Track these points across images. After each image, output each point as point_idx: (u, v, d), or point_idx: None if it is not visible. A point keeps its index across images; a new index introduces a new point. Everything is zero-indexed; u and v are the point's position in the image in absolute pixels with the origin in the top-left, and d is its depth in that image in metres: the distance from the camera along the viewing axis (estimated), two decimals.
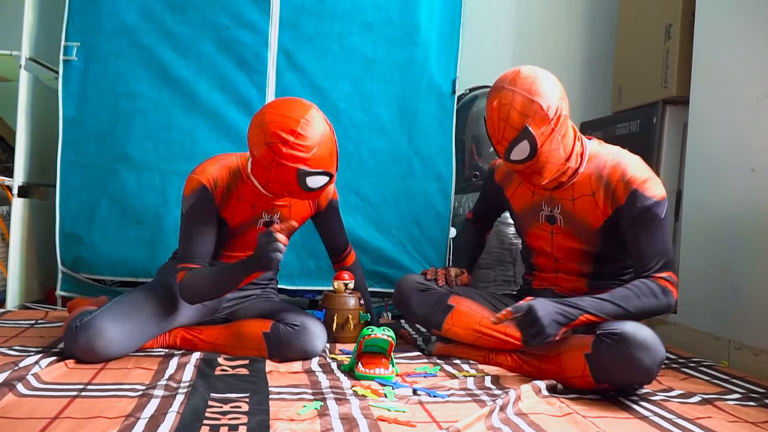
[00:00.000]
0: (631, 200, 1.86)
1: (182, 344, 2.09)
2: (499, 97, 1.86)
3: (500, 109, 1.85)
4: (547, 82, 1.87)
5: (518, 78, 1.86)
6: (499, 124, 1.86)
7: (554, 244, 2.06)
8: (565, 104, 1.88)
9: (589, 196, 1.94)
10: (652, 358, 1.67)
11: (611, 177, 1.90)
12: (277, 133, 1.86)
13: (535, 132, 1.82)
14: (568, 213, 2.00)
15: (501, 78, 1.91)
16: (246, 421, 1.45)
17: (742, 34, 2.33)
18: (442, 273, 2.24)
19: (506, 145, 1.87)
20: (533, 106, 1.82)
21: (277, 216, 2.14)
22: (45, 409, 1.48)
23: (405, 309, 2.23)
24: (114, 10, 2.70)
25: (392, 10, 2.84)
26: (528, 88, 1.83)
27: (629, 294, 1.81)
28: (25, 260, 2.75)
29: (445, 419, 1.52)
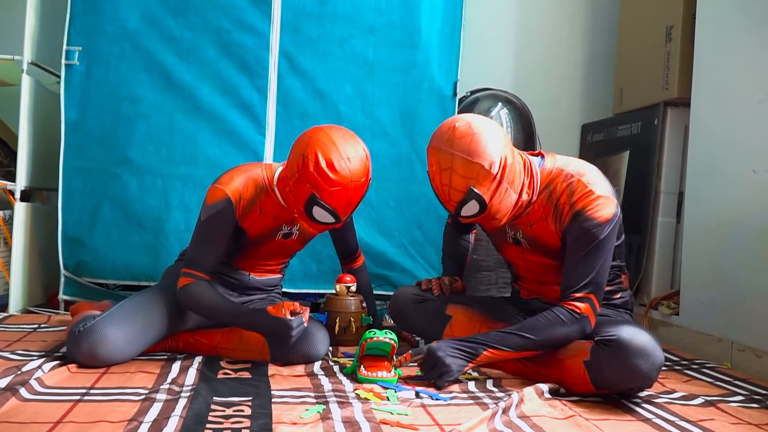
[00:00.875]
0: (574, 221, 1.81)
1: (185, 348, 2.09)
2: (437, 162, 1.79)
3: (441, 174, 1.79)
4: (485, 136, 1.76)
5: (454, 138, 1.76)
6: (442, 188, 1.81)
7: (527, 261, 2.03)
8: (509, 150, 1.80)
9: (543, 220, 1.90)
10: (651, 364, 1.66)
11: (560, 201, 1.85)
12: (316, 153, 1.85)
13: (481, 190, 1.77)
14: (528, 237, 1.96)
15: (436, 135, 1.82)
16: (248, 425, 1.45)
17: (743, 36, 2.33)
18: (437, 282, 2.23)
19: (454, 205, 1.82)
20: (474, 168, 1.75)
21: (297, 227, 2.14)
22: (48, 413, 1.48)
23: (403, 322, 2.24)
24: (116, 14, 2.70)
25: (393, 13, 2.84)
26: (466, 149, 1.75)
27: (537, 324, 1.81)
28: (27, 264, 2.76)
29: (447, 422, 1.52)
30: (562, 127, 3.49)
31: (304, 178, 1.88)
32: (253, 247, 2.11)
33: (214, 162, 2.70)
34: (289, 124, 2.77)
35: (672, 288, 2.77)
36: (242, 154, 2.74)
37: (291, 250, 2.22)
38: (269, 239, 2.11)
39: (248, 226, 2.05)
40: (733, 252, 2.29)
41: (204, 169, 2.71)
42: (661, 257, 2.80)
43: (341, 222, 1.96)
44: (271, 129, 2.78)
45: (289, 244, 2.17)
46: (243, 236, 2.06)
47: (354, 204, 1.94)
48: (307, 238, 2.22)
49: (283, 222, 2.10)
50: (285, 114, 2.78)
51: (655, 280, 2.79)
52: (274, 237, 2.12)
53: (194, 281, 1.98)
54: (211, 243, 2.01)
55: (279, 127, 2.77)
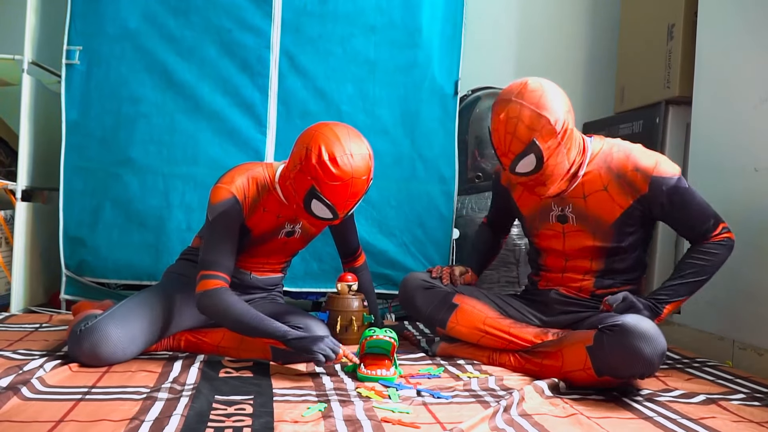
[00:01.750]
0: (655, 186, 1.91)
1: (186, 347, 2.10)
2: (506, 110, 1.85)
3: (507, 122, 1.84)
4: (555, 95, 1.87)
5: (525, 91, 1.85)
6: (505, 137, 1.86)
7: (566, 242, 2.06)
8: (571, 117, 1.89)
9: (602, 191, 1.96)
10: (653, 348, 1.67)
11: (622, 169, 1.94)
12: (319, 145, 1.86)
13: (542, 146, 1.83)
14: (580, 210, 2.01)
15: (507, 90, 1.90)
16: (250, 423, 1.45)
17: (745, 34, 2.33)
18: (447, 271, 2.24)
19: (512, 158, 1.87)
20: (541, 121, 1.82)
21: (299, 225, 2.15)
22: (49, 412, 1.49)
23: (410, 307, 2.23)
24: (116, 14, 2.71)
25: (394, 13, 2.84)
26: (536, 101, 1.83)
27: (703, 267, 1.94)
28: (29, 264, 2.76)
29: (448, 420, 1.53)
30: None
31: (305, 170, 1.88)
32: (255, 246, 2.11)
33: (215, 161, 2.70)
34: (290, 124, 2.78)
35: None
36: (243, 153, 2.74)
37: (293, 249, 2.22)
38: (272, 238, 2.11)
39: (253, 225, 2.05)
40: (735, 251, 2.28)
41: (205, 169, 2.71)
42: (663, 255, 2.80)
43: (338, 219, 1.95)
44: (272, 128, 2.78)
45: (292, 242, 2.17)
46: (247, 235, 2.06)
47: (353, 201, 1.93)
48: (309, 236, 2.22)
49: (286, 220, 2.10)
50: (286, 113, 2.78)
51: (657, 278, 2.79)
52: (277, 235, 2.12)
53: (218, 287, 1.93)
54: (224, 241, 1.98)
55: (280, 126, 2.77)
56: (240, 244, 2.08)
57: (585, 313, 2.04)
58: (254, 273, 2.19)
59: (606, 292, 2.04)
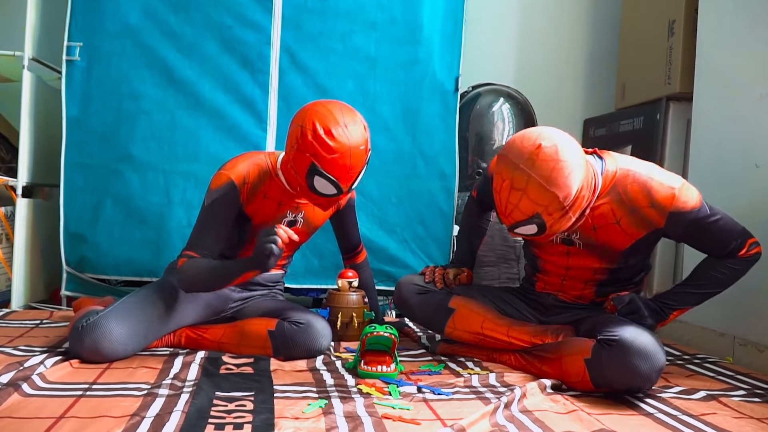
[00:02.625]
0: (673, 221, 1.80)
1: (187, 343, 2.10)
2: (511, 178, 1.67)
3: (511, 191, 1.67)
4: (569, 166, 1.64)
5: (537, 159, 1.64)
6: (507, 205, 1.70)
7: (570, 261, 1.99)
8: (585, 181, 1.70)
9: (614, 224, 1.84)
10: (651, 366, 1.65)
11: (636, 203, 1.81)
12: (313, 122, 1.87)
13: (547, 219, 1.68)
14: (588, 239, 1.91)
15: (517, 149, 1.68)
16: (251, 420, 1.45)
17: (745, 30, 2.33)
18: (440, 274, 2.20)
19: (512, 222, 1.73)
20: (548, 197, 1.64)
21: (301, 215, 2.15)
22: (50, 408, 1.49)
23: (406, 312, 2.23)
24: (117, 11, 2.70)
25: (395, 9, 2.84)
26: (547, 175, 1.63)
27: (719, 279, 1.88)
28: (29, 260, 2.76)
29: (449, 417, 1.52)
30: (564, 122, 3.44)
31: (303, 148, 1.88)
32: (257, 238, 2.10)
33: (215, 158, 2.70)
34: (290, 120, 2.77)
35: (674, 283, 2.76)
36: (244, 149, 2.72)
37: (295, 241, 2.21)
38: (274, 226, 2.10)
39: (252, 212, 2.05)
40: None
41: (206, 166, 2.71)
42: (664, 252, 2.79)
43: (344, 193, 1.95)
44: (273, 125, 2.78)
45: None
46: (247, 224, 2.06)
47: (355, 173, 1.93)
48: (311, 227, 2.21)
49: (288, 208, 2.10)
50: (286, 109, 2.77)
51: (658, 275, 2.79)
52: (279, 224, 2.11)
53: (188, 260, 1.96)
54: (213, 227, 2.00)
55: (280, 122, 2.77)
56: (240, 236, 2.08)
57: (585, 311, 2.02)
58: None
59: (606, 298, 2.00)
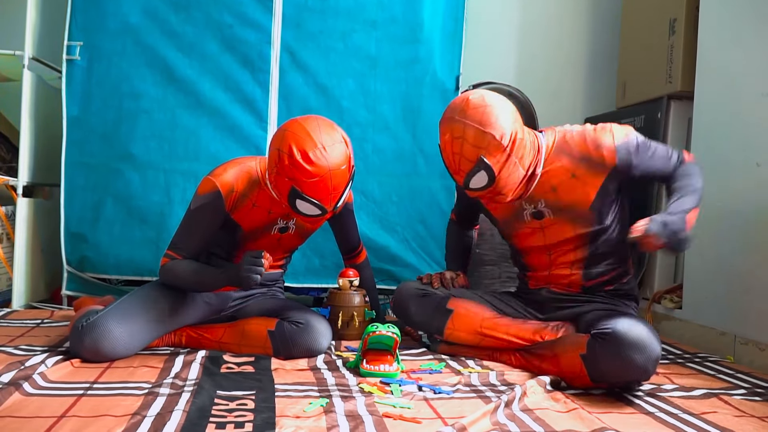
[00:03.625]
0: (622, 153, 1.91)
1: (188, 343, 2.10)
2: (450, 130, 1.83)
3: (453, 142, 1.83)
4: (498, 109, 1.82)
5: (467, 108, 1.82)
6: (453, 157, 1.84)
7: (546, 237, 2.04)
8: (519, 126, 1.86)
9: (570, 179, 1.95)
10: (646, 357, 1.66)
11: (585, 152, 1.94)
12: (290, 145, 1.85)
13: (491, 161, 1.81)
14: (553, 203, 1.98)
15: (450, 107, 1.87)
16: (252, 419, 1.45)
17: (747, 29, 2.32)
18: (437, 276, 2.24)
19: (463, 175, 1.86)
20: (486, 138, 1.79)
21: (293, 221, 2.14)
22: (51, 407, 1.49)
23: (404, 316, 2.23)
24: (117, 10, 2.71)
25: (395, 8, 2.84)
26: (479, 119, 1.80)
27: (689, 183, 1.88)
28: (30, 260, 2.76)
29: (450, 415, 1.53)
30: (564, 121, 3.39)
31: (282, 173, 1.87)
32: (249, 242, 2.11)
33: (216, 157, 2.70)
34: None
35: (675, 282, 2.76)
36: (244, 149, 2.74)
37: (289, 245, 2.21)
38: (265, 233, 2.11)
39: (240, 219, 2.04)
40: (736, 245, 2.28)
41: (206, 165, 2.68)
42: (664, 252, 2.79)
43: (329, 212, 1.94)
44: (273, 124, 2.78)
45: (287, 238, 2.17)
46: (237, 230, 2.06)
47: (338, 193, 1.91)
48: (305, 232, 2.21)
49: (278, 216, 2.10)
50: (287, 109, 2.78)
51: (658, 274, 2.79)
52: (270, 231, 2.11)
53: (171, 260, 2.02)
54: (195, 231, 2.03)
55: (281, 122, 2.77)
56: (232, 240, 2.08)
57: (582, 306, 2.03)
58: None
59: (595, 282, 2.03)
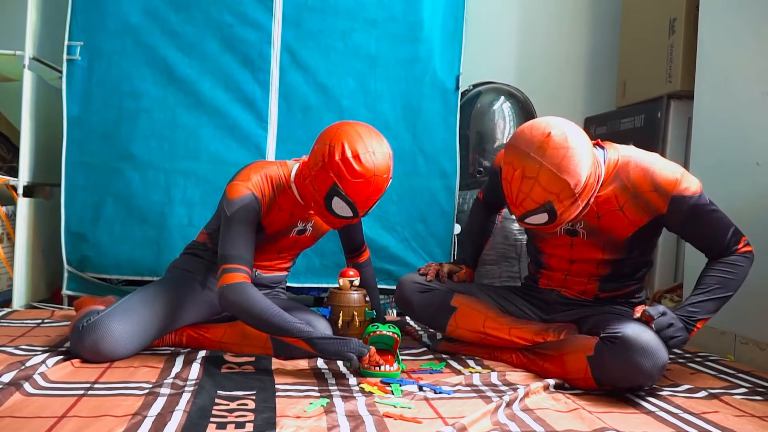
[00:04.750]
0: (675, 205, 1.80)
1: (188, 343, 2.10)
2: (522, 167, 1.68)
3: (523, 181, 1.69)
4: (579, 153, 1.67)
5: (548, 147, 1.66)
6: (518, 195, 1.71)
7: (573, 252, 1.98)
8: (593, 168, 1.73)
9: (617, 210, 1.85)
10: (653, 363, 1.66)
11: (639, 188, 1.81)
12: (343, 143, 1.86)
13: (558, 207, 1.70)
14: (592, 227, 1.91)
15: (527, 139, 1.70)
16: (253, 419, 1.45)
17: (746, 28, 2.32)
18: (435, 268, 2.22)
19: (523, 212, 1.74)
20: (561, 184, 1.66)
21: (311, 224, 2.16)
22: (52, 408, 1.49)
23: (408, 311, 2.23)
24: (117, 10, 2.71)
25: (395, 7, 2.84)
26: (558, 162, 1.65)
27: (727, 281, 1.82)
28: (30, 260, 2.76)
29: (450, 415, 1.53)
30: None
31: (328, 167, 1.87)
32: (267, 244, 2.11)
33: (216, 157, 2.70)
34: (291, 119, 2.78)
35: (675, 281, 2.77)
36: (244, 148, 2.74)
37: (303, 246, 2.23)
38: (284, 236, 2.12)
39: (268, 223, 2.05)
40: None
41: (206, 164, 2.71)
42: (665, 250, 2.80)
43: (358, 217, 1.95)
44: (273, 123, 2.78)
45: (302, 240, 2.18)
46: (260, 233, 2.06)
47: (373, 200, 1.93)
48: (320, 234, 2.22)
49: (299, 218, 2.11)
50: (287, 108, 2.78)
51: (659, 273, 2.79)
52: (289, 234, 2.12)
53: (243, 282, 1.88)
54: (243, 236, 1.95)
55: (281, 121, 2.77)
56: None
57: (589, 310, 2.01)
58: (260, 270, 2.19)
59: (610, 295, 2.01)
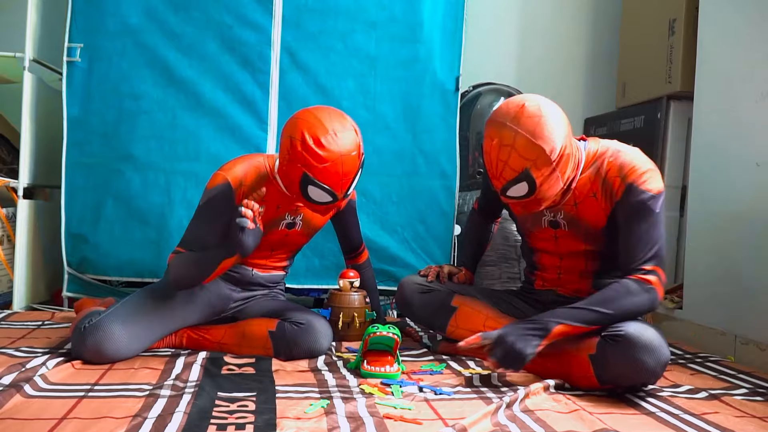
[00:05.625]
0: (627, 194, 1.79)
1: (188, 344, 2.10)
2: (500, 136, 1.75)
3: (500, 149, 1.75)
4: (554, 120, 1.74)
5: (522, 116, 1.73)
6: (497, 163, 1.77)
7: (558, 245, 2.02)
8: (569, 140, 1.78)
9: (591, 197, 1.88)
10: (656, 360, 1.66)
11: (609, 174, 1.84)
12: (302, 132, 1.87)
13: (536, 174, 1.74)
14: (571, 217, 1.94)
15: (503, 111, 1.78)
16: (253, 420, 1.45)
17: (746, 29, 2.32)
18: (435, 270, 2.24)
19: (503, 183, 1.79)
20: (536, 150, 1.71)
21: (300, 217, 2.15)
22: (52, 409, 1.49)
23: (408, 312, 2.24)
24: (117, 11, 2.71)
25: (395, 8, 2.84)
26: (532, 129, 1.71)
27: (608, 297, 1.75)
28: (31, 261, 2.76)
29: (451, 416, 1.53)
30: None
31: (294, 159, 1.88)
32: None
33: (216, 158, 2.70)
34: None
35: (675, 282, 2.77)
36: (244, 149, 2.74)
37: (295, 242, 2.22)
38: (272, 229, 2.11)
39: None
40: (736, 245, 2.28)
41: (206, 165, 2.70)
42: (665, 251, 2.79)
43: (339, 199, 1.95)
44: (273, 124, 2.78)
45: (293, 235, 2.17)
46: None
47: (348, 179, 1.92)
48: (311, 229, 2.21)
49: (286, 211, 2.10)
50: (287, 109, 2.77)
51: None
52: (278, 227, 2.12)
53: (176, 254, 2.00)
54: (205, 225, 2.01)
55: (281, 122, 2.77)
56: None
57: None
58: (256, 270, 2.19)
59: None
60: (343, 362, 2.00)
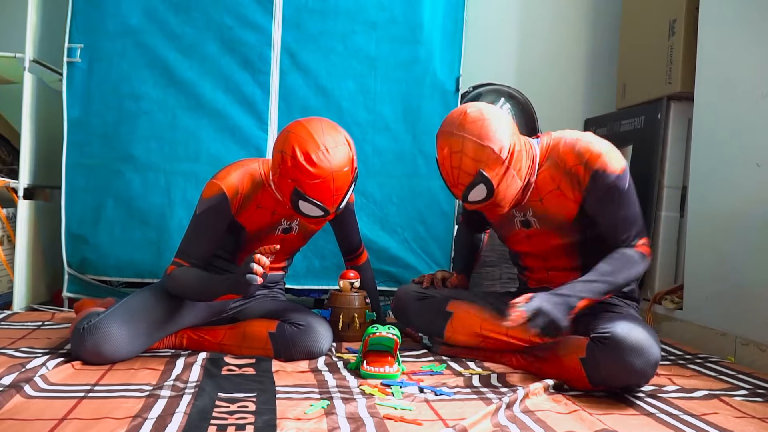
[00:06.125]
0: (595, 180, 1.84)
1: (188, 345, 2.10)
2: (449, 145, 1.83)
3: (451, 156, 1.83)
4: (496, 122, 1.82)
5: (465, 122, 1.82)
6: (452, 171, 1.84)
7: (536, 244, 2.04)
8: (516, 137, 1.85)
9: (556, 190, 1.92)
10: (645, 361, 1.65)
11: (568, 163, 1.88)
12: (293, 147, 1.86)
13: (490, 174, 1.81)
14: (540, 214, 1.97)
15: (447, 121, 1.87)
16: (253, 421, 1.45)
17: (747, 29, 2.32)
18: (429, 277, 2.28)
19: (462, 189, 1.85)
20: (485, 151, 1.79)
21: (296, 222, 2.15)
22: (52, 410, 1.49)
23: (404, 319, 2.25)
24: (117, 11, 2.71)
25: (395, 9, 2.84)
26: (477, 132, 1.80)
27: (614, 268, 1.82)
28: (31, 262, 2.76)
29: (451, 417, 1.53)
30: (565, 122, 3.45)
31: (284, 174, 1.88)
32: (253, 243, 2.11)
33: (216, 158, 2.70)
34: (291, 121, 2.76)
35: (675, 282, 2.76)
36: (244, 150, 2.74)
37: (292, 246, 2.22)
38: (268, 234, 2.11)
39: (245, 220, 2.05)
40: (736, 246, 2.28)
41: (207, 166, 2.71)
42: (665, 252, 2.79)
43: (331, 214, 1.95)
44: (274, 125, 2.78)
45: (290, 239, 2.17)
46: (242, 232, 2.07)
47: (340, 195, 1.92)
48: (308, 233, 2.21)
49: (282, 216, 2.10)
50: (287, 110, 2.78)
51: (659, 274, 2.79)
52: (274, 232, 2.12)
53: (177, 268, 1.98)
54: (202, 235, 2.01)
55: (281, 123, 2.77)
56: (237, 242, 2.08)
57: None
58: None
59: None
60: (344, 363, 2.00)
